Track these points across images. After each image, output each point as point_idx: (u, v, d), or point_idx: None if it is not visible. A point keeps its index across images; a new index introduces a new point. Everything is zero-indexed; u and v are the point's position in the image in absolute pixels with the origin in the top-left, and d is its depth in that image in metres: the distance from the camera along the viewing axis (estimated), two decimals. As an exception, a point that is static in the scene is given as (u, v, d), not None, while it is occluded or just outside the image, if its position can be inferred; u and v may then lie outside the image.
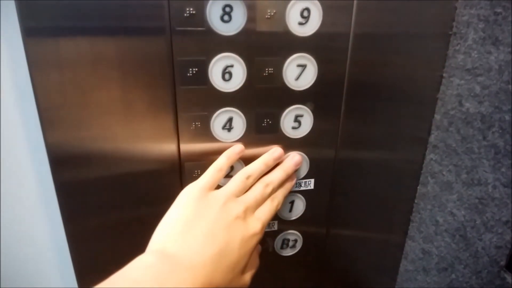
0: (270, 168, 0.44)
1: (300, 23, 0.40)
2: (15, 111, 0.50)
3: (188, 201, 0.38)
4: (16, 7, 0.35)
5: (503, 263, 0.39)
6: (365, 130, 0.47)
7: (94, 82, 0.39)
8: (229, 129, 0.43)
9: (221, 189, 0.40)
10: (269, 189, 0.42)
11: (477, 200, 0.41)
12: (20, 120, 0.51)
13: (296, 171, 0.46)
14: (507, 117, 0.37)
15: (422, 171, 0.49)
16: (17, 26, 0.35)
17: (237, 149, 0.43)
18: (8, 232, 0.58)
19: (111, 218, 0.45)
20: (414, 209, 0.51)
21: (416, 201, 0.50)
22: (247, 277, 0.39)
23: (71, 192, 0.43)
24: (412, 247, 0.52)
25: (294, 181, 0.46)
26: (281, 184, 0.44)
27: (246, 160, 0.44)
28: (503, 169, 0.38)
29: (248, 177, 0.41)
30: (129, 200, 0.45)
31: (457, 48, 0.42)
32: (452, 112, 0.43)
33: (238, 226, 0.38)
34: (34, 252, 0.60)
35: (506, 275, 0.39)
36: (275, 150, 0.44)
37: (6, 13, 0.44)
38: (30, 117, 0.50)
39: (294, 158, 0.45)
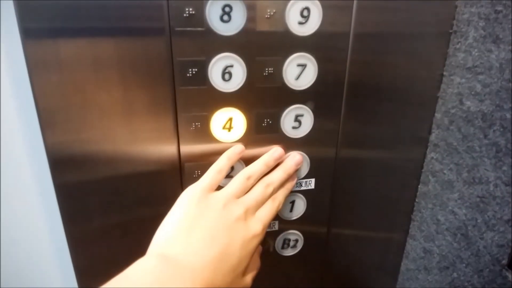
0: (271, 168, 0.44)
1: (300, 23, 0.40)
2: (14, 112, 0.50)
3: (189, 203, 0.38)
4: (15, 8, 0.34)
5: (505, 261, 0.39)
6: (365, 129, 0.47)
7: (93, 82, 0.38)
8: (229, 129, 0.43)
9: (221, 190, 0.40)
10: (269, 190, 0.42)
11: (478, 199, 0.41)
12: (19, 121, 0.50)
13: (296, 171, 0.46)
14: (508, 115, 0.37)
15: (423, 170, 0.49)
16: (16, 27, 0.35)
17: (238, 149, 0.43)
18: (8, 233, 0.58)
19: (111, 219, 0.45)
20: (415, 208, 0.51)
21: (417, 200, 0.50)
22: (248, 278, 0.39)
23: (71, 194, 0.43)
24: (413, 246, 0.52)
25: (295, 181, 0.46)
26: (282, 184, 0.44)
27: (247, 161, 0.44)
28: (504, 168, 0.38)
29: (248, 178, 0.41)
30: (129, 201, 0.45)
31: (457, 46, 0.42)
32: (453, 111, 0.43)
33: (239, 228, 0.37)
34: (34, 253, 0.60)
35: (508, 274, 0.39)
36: (276, 150, 0.44)
37: (5, 14, 0.44)
38: (30, 118, 0.50)
39: (295, 158, 0.45)
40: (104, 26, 0.37)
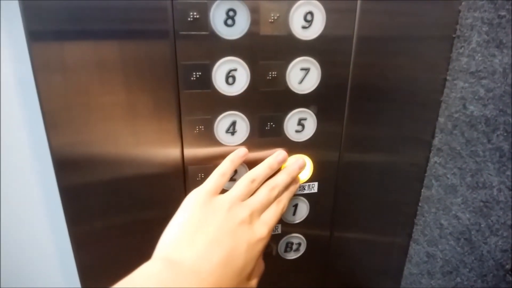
0: (275, 171, 0.44)
1: (304, 27, 0.40)
2: (19, 113, 0.50)
3: (194, 206, 0.38)
4: (21, 11, 0.35)
5: (508, 266, 0.39)
6: (368, 133, 0.47)
7: (98, 85, 0.39)
8: (233, 133, 0.43)
9: (226, 193, 0.40)
10: (274, 193, 0.41)
11: (482, 204, 0.41)
12: (23, 122, 0.51)
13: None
14: (511, 120, 0.37)
15: (426, 174, 0.49)
16: (21, 29, 0.35)
17: (241, 152, 0.43)
18: (10, 233, 0.58)
19: (115, 221, 0.45)
20: (418, 212, 0.51)
21: (420, 204, 0.50)
22: (254, 282, 0.39)
23: (75, 195, 0.43)
24: (416, 250, 0.52)
25: (298, 184, 0.46)
26: (286, 187, 0.44)
27: (250, 164, 0.44)
28: (508, 172, 0.38)
29: (253, 181, 0.41)
30: (132, 203, 0.45)
31: (461, 51, 0.42)
32: (456, 115, 0.43)
33: (244, 231, 0.37)
34: (35, 253, 0.60)
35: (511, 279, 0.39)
36: (279, 154, 0.44)
37: (11, 16, 0.44)
38: (34, 120, 0.50)
39: (299, 161, 0.45)
40: (109, 29, 0.37)
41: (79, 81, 0.38)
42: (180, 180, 0.44)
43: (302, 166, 0.45)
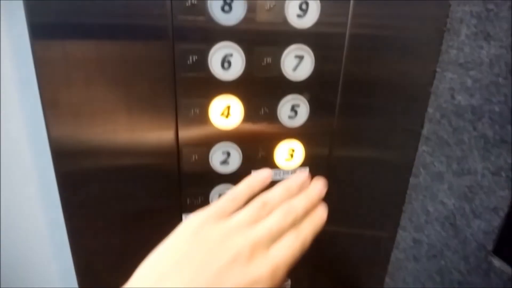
0: (293, 196, 0.37)
1: (299, 15, 0.41)
2: (17, 104, 0.50)
3: (182, 235, 0.32)
4: (24, 6, 0.35)
5: (490, 248, 0.40)
6: (359, 122, 0.48)
7: (95, 69, 0.39)
8: (227, 116, 0.44)
9: (228, 220, 0.33)
10: (290, 218, 0.33)
11: (466, 189, 0.43)
12: (22, 113, 0.51)
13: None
14: (496, 108, 0.38)
15: (414, 163, 0.50)
16: (23, 23, 0.36)
17: (261, 176, 0.37)
18: (8, 231, 0.57)
19: (112, 211, 0.45)
20: (406, 200, 0.52)
21: (408, 192, 0.52)
22: None
23: (73, 184, 0.43)
24: (403, 237, 0.53)
25: (323, 215, 0.37)
26: (307, 214, 0.35)
27: (242, 145, 0.45)
28: (492, 158, 0.39)
29: (264, 205, 0.34)
30: (127, 190, 0.45)
31: (450, 43, 0.43)
32: (444, 105, 0.44)
33: (236, 269, 0.29)
34: (34, 253, 0.60)
35: (492, 259, 0.40)
36: (300, 175, 0.39)
37: (13, 10, 0.45)
38: (32, 109, 0.50)
39: (318, 183, 0.38)
40: (107, 17, 0.38)
41: (77, 67, 0.38)
42: (174, 161, 0.45)
43: (323, 189, 0.38)
